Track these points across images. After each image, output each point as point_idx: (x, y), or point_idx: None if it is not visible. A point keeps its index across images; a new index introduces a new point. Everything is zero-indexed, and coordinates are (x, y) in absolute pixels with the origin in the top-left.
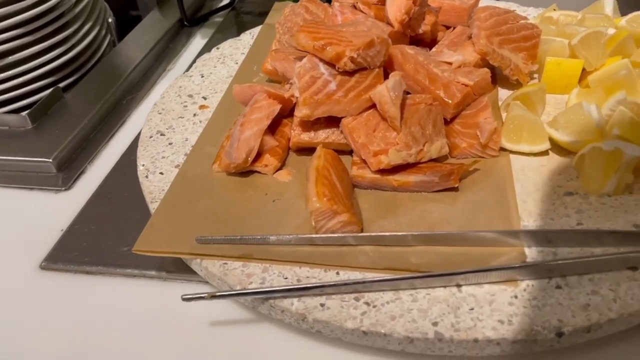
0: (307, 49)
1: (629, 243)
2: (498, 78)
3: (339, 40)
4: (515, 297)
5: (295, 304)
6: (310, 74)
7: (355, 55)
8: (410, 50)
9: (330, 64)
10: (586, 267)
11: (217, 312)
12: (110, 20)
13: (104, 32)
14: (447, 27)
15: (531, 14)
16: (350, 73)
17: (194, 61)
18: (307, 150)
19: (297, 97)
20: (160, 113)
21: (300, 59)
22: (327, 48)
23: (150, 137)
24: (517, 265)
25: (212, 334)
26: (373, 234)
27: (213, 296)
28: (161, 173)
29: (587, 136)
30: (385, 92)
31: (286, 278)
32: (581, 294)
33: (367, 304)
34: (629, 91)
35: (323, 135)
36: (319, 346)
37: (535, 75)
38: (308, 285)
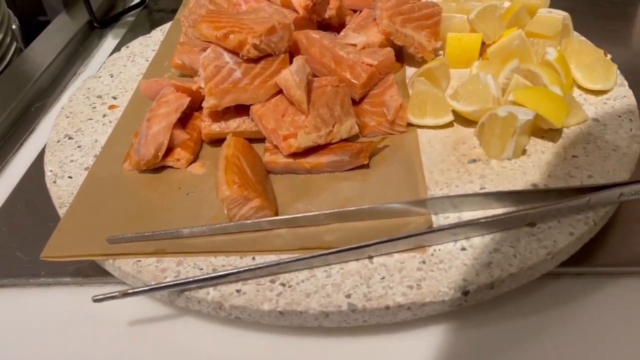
0: (209, 39)
1: (528, 201)
2: (405, 57)
3: (241, 28)
4: (424, 262)
5: (211, 293)
6: (215, 63)
7: (257, 42)
8: (315, 34)
9: (234, 52)
10: (488, 228)
11: (136, 311)
12: (14, 27)
13: (8, 39)
14: (355, 11)
15: None
16: (256, 60)
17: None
18: (221, 141)
19: (203, 88)
20: (67, 117)
21: (205, 50)
22: (230, 37)
23: (58, 141)
24: (422, 232)
25: (133, 333)
26: (286, 216)
27: (125, 294)
28: (70, 177)
29: (485, 105)
30: (289, 76)
31: (202, 269)
32: (484, 254)
33: (283, 284)
34: (523, 59)
35: (234, 124)
36: (240, 332)
37: (441, 52)
38: (222, 273)
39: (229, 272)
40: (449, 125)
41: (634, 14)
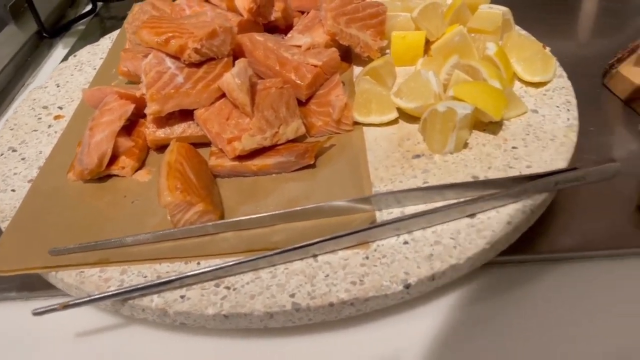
0: (151, 45)
1: (468, 193)
2: (353, 57)
3: (181, 33)
4: (367, 258)
5: (155, 301)
6: (156, 69)
7: (198, 46)
8: (260, 37)
9: (176, 57)
10: (429, 221)
11: (83, 323)
12: None
13: None
14: (303, 13)
15: None
16: (198, 65)
17: None
18: (167, 147)
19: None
20: (12, 129)
21: (148, 56)
22: (171, 42)
23: (1, 154)
24: (365, 228)
25: (79, 346)
26: (231, 220)
27: (66, 306)
28: (13, 190)
29: (427, 101)
30: (231, 79)
31: (146, 277)
32: (425, 246)
33: (228, 287)
34: (465, 55)
35: (179, 129)
36: (186, 338)
37: (388, 51)
38: (165, 280)
39: (173, 278)
40: (394, 122)
41: (578, 7)
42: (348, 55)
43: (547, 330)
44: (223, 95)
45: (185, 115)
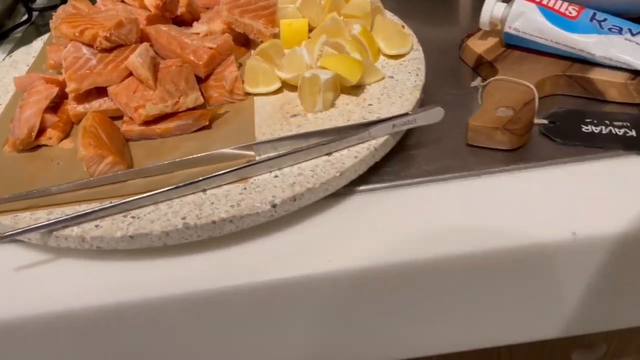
0: (69, 37)
1: (327, 138)
2: (253, 42)
3: (93, 25)
4: (245, 189)
5: (75, 230)
6: (74, 55)
7: (108, 35)
8: (164, 27)
9: (90, 45)
10: (294, 159)
11: (15, 260)
12: None
13: None
14: (209, 8)
15: None
16: (109, 50)
17: None
18: None
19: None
20: None
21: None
22: (85, 32)
23: None
24: (243, 166)
25: (11, 279)
26: (137, 168)
27: (2, 237)
28: None
29: (300, 71)
30: (135, 59)
31: (68, 215)
32: (290, 177)
33: (133, 217)
34: (337, 35)
35: (96, 104)
36: (105, 262)
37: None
38: (82, 213)
39: (88, 211)
40: (278, 91)
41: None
42: (247, 42)
43: (383, 234)
44: (131, 74)
45: (101, 92)
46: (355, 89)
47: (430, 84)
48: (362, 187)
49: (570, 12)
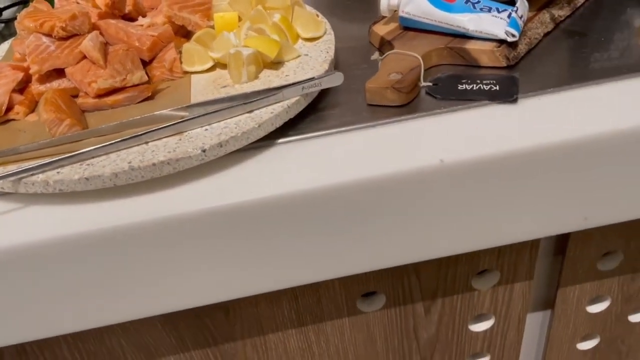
0: (31, 30)
1: (250, 99)
2: (191, 34)
3: (51, 18)
4: (180, 139)
5: (40, 177)
6: (35, 43)
7: (64, 25)
8: (113, 21)
9: (49, 35)
10: (221, 116)
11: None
12: None
13: None
14: (153, 9)
15: None
16: (66, 39)
17: None
18: None
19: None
20: None
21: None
22: (44, 24)
23: None
24: (178, 122)
25: None
26: (92, 128)
27: None
28: None
29: (227, 50)
30: (87, 42)
31: (33, 164)
32: (218, 129)
33: (88, 165)
34: (259, 23)
35: (56, 84)
36: (67, 205)
37: None
38: (45, 162)
39: (50, 161)
40: (211, 69)
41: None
42: (187, 35)
43: (297, 171)
44: (84, 57)
45: (60, 73)
46: (276, 65)
47: (343, 63)
48: (280, 140)
49: None
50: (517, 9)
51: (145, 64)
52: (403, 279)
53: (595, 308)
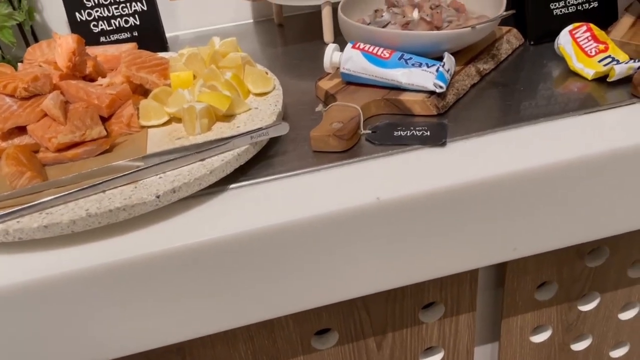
0: None
1: (202, 149)
2: (148, 93)
3: (14, 80)
4: (136, 187)
5: (0, 226)
6: None
7: (26, 86)
8: (74, 81)
9: (12, 95)
10: (175, 164)
11: None
12: None
13: None
14: (113, 70)
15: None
16: (28, 98)
17: None
18: None
19: None
20: None
21: None
22: (7, 86)
23: None
24: (134, 171)
25: None
26: (52, 180)
27: None
28: None
29: (182, 106)
30: (47, 101)
31: None
32: (171, 177)
33: (47, 213)
34: (213, 80)
35: (18, 140)
36: (29, 253)
37: None
38: (5, 213)
39: (10, 211)
40: (167, 123)
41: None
42: (145, 93)
43: (247, 214)
44: (45, 115)
45: (22, 131)
46: (228, 118)
47: (292, 114)
48: (232, 185)
49: (384, 54)
50: (444, 64)
51: (105, 120)
52: (354, 315)
53: (538, 338)
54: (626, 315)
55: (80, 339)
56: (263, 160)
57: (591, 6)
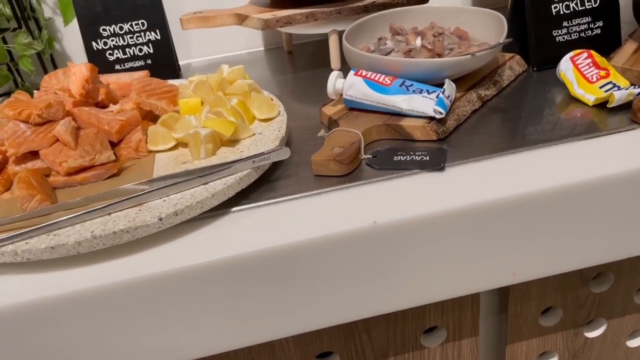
0: (10, 117)
1: (205, 173)
2: (158, 119)
3: (29, 107)
4: (140, 210)
5: (9, 247)
6: (13, 129)
7: (40, 113)
8: (86, 108)
9: (27, 122)
10: (179, 188)
11: None
12: None
13: None
14: (125, 97)
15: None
16: (42, 124)
17: None
18: None
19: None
20: None
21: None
22: (22, 112)
23: None
24: (138, 194)
25: None
26: (60, 203)
27: None
28: None
29: (188, 131)
30: (59, 127)
31: (4, 237)
32: (175, 200)
33: (54, 235)
34: (219, 106)
35: (30, 165)
36: (36, 273)
37: None
38: (15, 234)
39: (20, 232)
40: (174, 148)
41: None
42: (155, 119)
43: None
44: (57, 140)
45: (34, 155)
46: (233, 143)
47: (296, 139)
48: (234, 208)
49: (385, 81)
50: (445, 90)
51: (115, 145)
52: (355, 338)
53: None
54: (634, 343)
55: (82, 358)
56: (265, 184)
57: (594, 33)
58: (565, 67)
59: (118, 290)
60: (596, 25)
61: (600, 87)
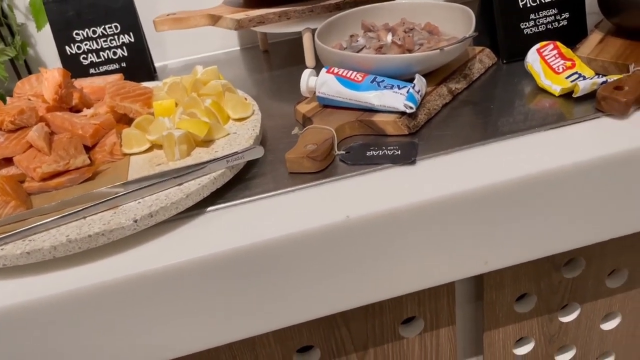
0: None
1: (180, 174)
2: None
3: (1, 114)
4: (115, 213)
5: None
6: None
7: (12, 119)
8: (59, 113)
9: (0, 129)
10: (153, 190)
11: None
12: None
13: None
14: (99, 100)
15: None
16: (15, 131)
17: None
18: None
19: None
20: None
21: None
22: None
23: None
24: (112, 197)
25: None
26: (35, 208)
27: None
28: None
29: (162, 133)
30: (32, 133)
31: None
32: (149, 202)
33: (30, 240)
34: (193, 107)
35: (5, 171)
36: (12, 279)
37: None
38: None
39: None
40: (149, 150)
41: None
42: (130, 122)
43: (224, 235)
44: (31, 146)
45: (8, 161)
46: (207, 143)
47: (271, 138)
48: (210, 208)
49: (357, 78)
50: (415, 85)
51: (89, 149)
52: (334, 331)
53: (521, 350)
54: (608, 326)
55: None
56: (240, 183)
57: (560, 24)
58: (533, 58)
59: (95, 292)
60: (562, 17)
61: (566, 78)
